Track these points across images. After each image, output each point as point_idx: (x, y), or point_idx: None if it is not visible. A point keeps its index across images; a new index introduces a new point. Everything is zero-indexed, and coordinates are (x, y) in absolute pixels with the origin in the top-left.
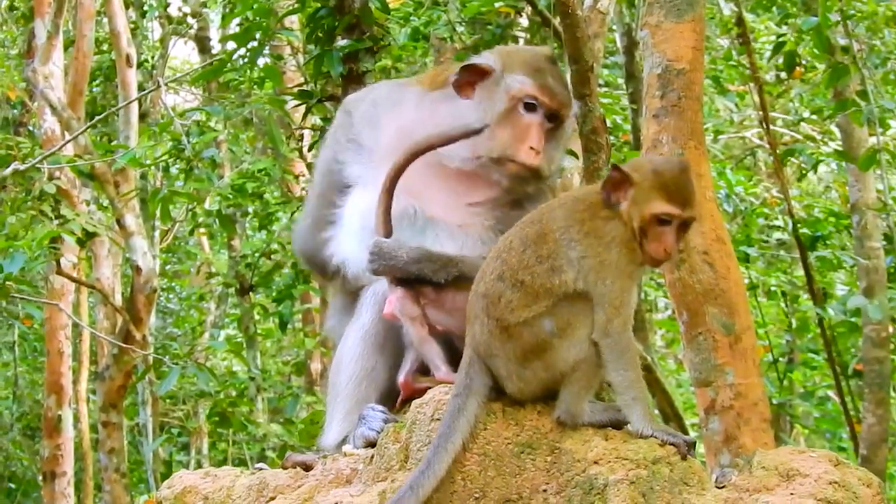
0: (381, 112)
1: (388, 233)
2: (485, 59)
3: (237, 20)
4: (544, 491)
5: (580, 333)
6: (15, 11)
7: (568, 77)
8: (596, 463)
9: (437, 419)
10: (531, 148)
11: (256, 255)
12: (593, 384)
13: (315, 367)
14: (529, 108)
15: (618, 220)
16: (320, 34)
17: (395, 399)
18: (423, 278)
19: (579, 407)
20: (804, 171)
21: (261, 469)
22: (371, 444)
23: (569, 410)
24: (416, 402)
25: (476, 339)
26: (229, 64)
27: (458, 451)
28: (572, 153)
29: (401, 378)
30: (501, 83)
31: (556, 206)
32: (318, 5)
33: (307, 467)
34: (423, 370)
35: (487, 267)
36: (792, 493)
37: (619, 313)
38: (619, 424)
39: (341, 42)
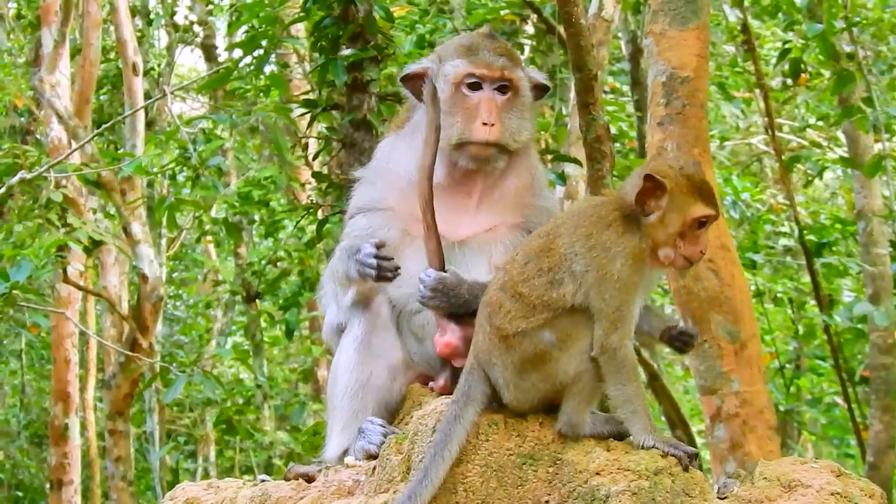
0: (376, 174)
1: (442, 266)
2: (419, 62)
3: (243, 28)
4: (546, 502)
5: (580, 346)
6: (22, 20)
7: (572, 86)
8: (598, 474)
9: None
10: (483, 124)
11: (263, 262)
12: (595, 396)
13: (322, 374)
14: (474, 87)
15: (633, 232)
16: (325, 43)
17: (393, 408)
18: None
19: (581, 419)
20: (810, 178)
21: (263, 481)
22: (371, 458)
23: (570, 422)
24: (417, 413)
25: (478, 347)
26: (235, 72)
27: (455, 458)
28: (576, 161)
29: (441, 382)
30: (441, 74)
31: (562, 221)
32: (323, 14)
33: (309, 479)
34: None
35: (495, 277)
36: None
37: (617, 328)
38: (620, 436)
39: (346, 51)
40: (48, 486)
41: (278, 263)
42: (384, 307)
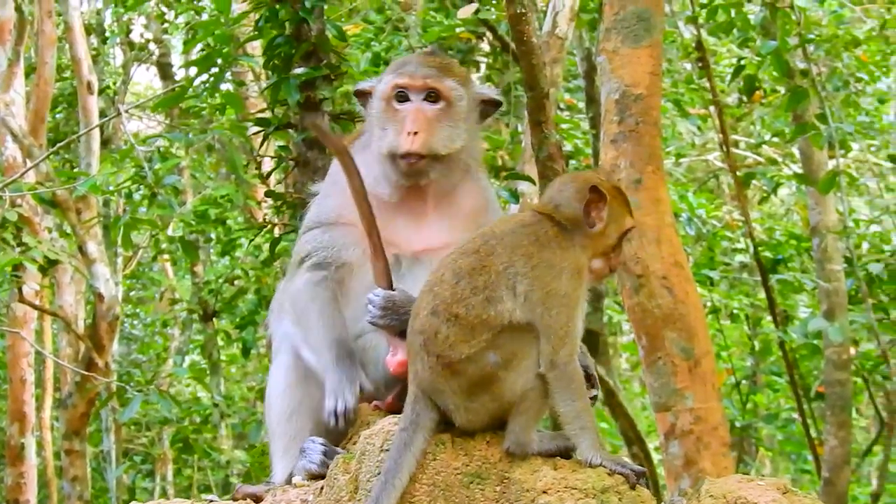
0: (333, 187)
1: (390, 285)
2: (371, 80)
3: (199, 46)
4: None
5: (526, 364)
6: None
7: (524, 102)
8: (545, 492)
9: (387, 450)
10: (408, 133)
11: (220, 281)
12: (541, 413)
13: None
14: (401, 98)
15: (573, 247)
16: (277, 62)
17: (335, 428)
18: None
19: (528, 437)
20: (765, 194)
21: (212, 501)
22: (313, 477)
23: (518, 441)
24: (365, 432)
25: (419, 377)
26: (191, 90)
27: (405, 486)
28: (529, 179)
29: (388, 400)
30: (377, 90)
31: (495, 241)
32: (276, 33)
33: (258, 499)
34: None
35: (421, 301)
36: None
37: (565, 343)
38: (567, 453)
39: (298, 70)
40: None
41: (235, 282)
42: None
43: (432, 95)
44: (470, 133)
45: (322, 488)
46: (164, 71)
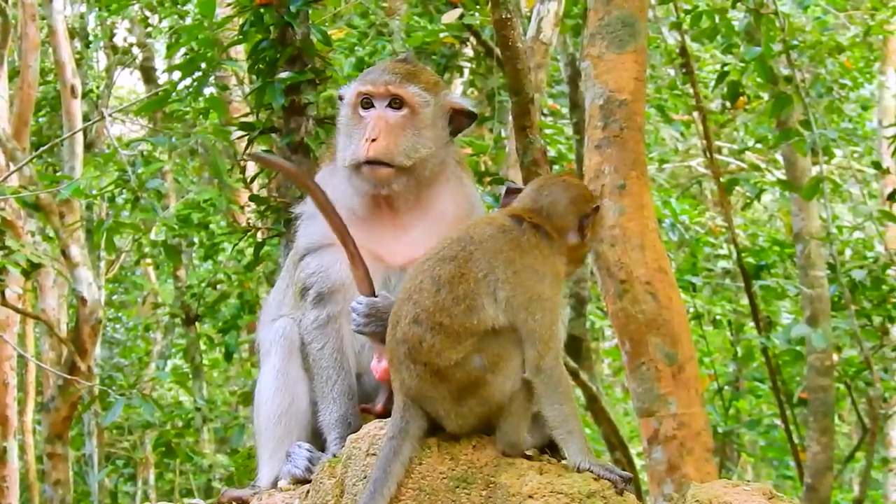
0: (313, 218)
1: (372, 292)
2: (349, 86)
3: (182, 51)
4: None
5: (512, 366)
6: None
7: (509, 108)
8: (531, 497)
9: (373, 454)
10: (367, 140)
11: (202, 285)
12: (530, 412)
13: None
14: (366, 105)
15: (553, 253)
16: (262, 66)
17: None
18: None
19: (520, 437)
20: (749, 200)
21: None
22: (298, 481)
23: (510, 442)
24: (351, 436)
25: (406, 385)
26: (174, 94)
27: (393, 496)
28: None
29: (378, 406)
30: (345, 98)
31: (473, 246)
32: (261, 37)
33: (243, 502)
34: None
35: (400, 310)
36: None
37: (550, 348)
38: (552, 443)
39: (283, 74)
40: None
41: (218, 286)
42: (298, 335)
43: (396, 102)
44: (437, 141)
45: (308, 492)
46: (148, 75)
